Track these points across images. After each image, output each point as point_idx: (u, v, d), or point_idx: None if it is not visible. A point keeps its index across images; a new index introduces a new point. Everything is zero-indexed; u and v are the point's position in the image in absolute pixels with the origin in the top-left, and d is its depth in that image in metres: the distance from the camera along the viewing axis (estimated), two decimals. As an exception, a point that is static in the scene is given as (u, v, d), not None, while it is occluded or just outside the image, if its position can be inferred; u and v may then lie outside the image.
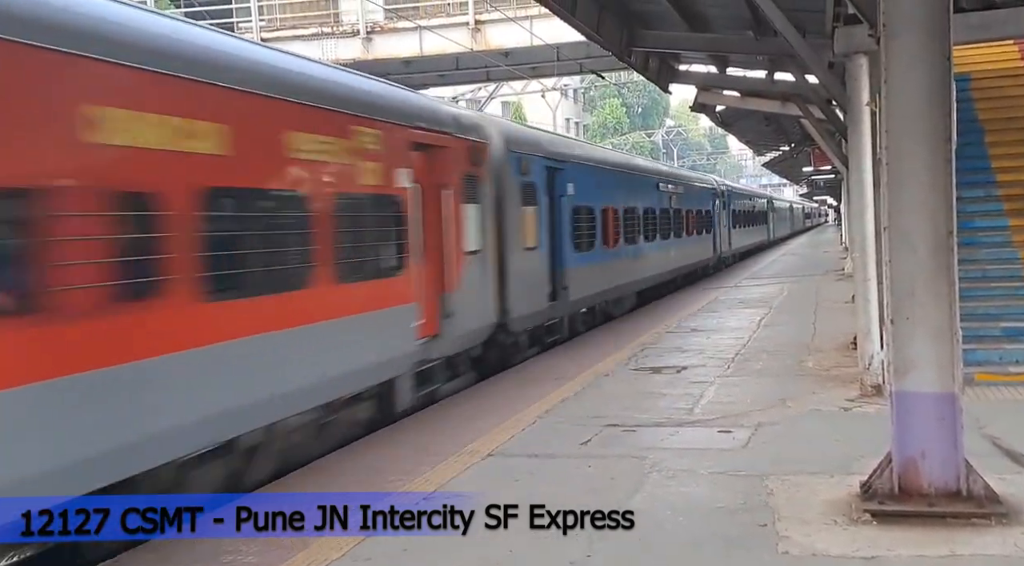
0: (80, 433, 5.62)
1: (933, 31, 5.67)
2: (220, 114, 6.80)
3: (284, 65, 8.26)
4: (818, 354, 12.39)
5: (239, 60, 7.52)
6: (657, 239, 21.83)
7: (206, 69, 6.78)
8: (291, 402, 7.59)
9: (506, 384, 11.45)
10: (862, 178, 9.82)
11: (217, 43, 7.47)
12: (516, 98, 51.33)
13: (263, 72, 7.67)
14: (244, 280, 7.06)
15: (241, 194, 7.14)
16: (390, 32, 24.74)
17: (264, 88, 7.39)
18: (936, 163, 5.72)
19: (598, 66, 25.90)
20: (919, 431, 5.85)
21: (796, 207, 66.89)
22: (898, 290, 5.90)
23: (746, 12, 11.11)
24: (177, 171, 6.38)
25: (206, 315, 6.59)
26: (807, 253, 43.05)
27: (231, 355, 6.80)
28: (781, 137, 29.65)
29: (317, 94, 8.14)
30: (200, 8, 24.89)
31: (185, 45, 6.85)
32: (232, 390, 6.87)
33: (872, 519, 5.73)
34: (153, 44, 6.44)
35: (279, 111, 7.54)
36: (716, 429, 8.44)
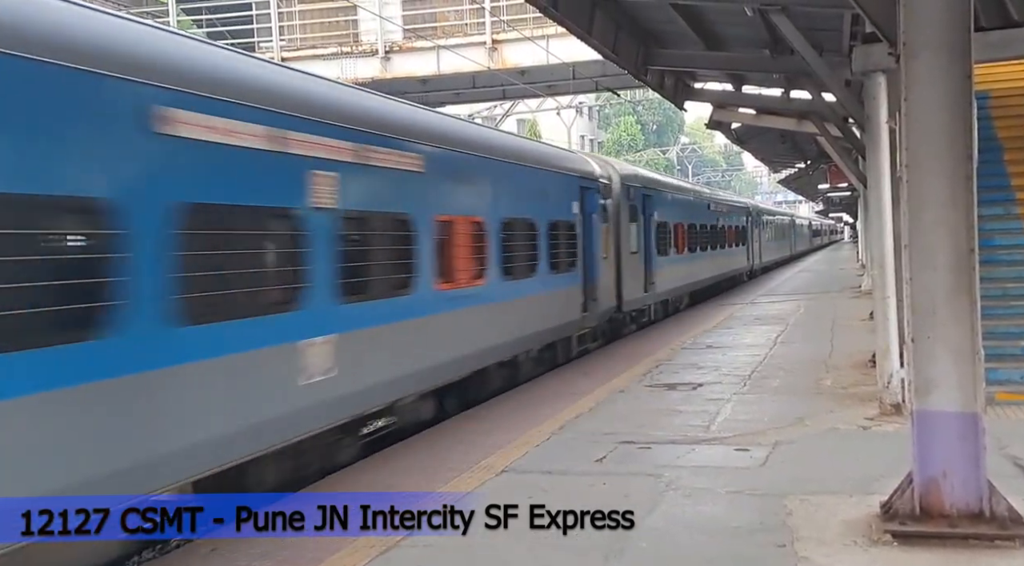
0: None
1: (954, 50, 5.65)
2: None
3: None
4: (836, 372, 12.30)
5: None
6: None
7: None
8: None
9: (521, 400, 11.41)
10: (880, 196, 9.78)
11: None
12: (531, 115, 51.46)
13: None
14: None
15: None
16: (408, 51, 24.89)
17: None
18: (956, 181, 5.68)
19: (614, 84, 25.95)
20: (941, 451, 5.78)
21: (800, 223, 67.49)
22: (919, 308, 5.85)
23: (763, 31, 11.11)
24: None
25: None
26: (823, 270, 42.89)
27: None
28: (797, 154, 29.58)
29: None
30: (222, 28, 25.10)
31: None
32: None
33: (893, 540, 5.67)
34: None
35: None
36: (733, 447, 8.38)
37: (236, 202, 6.86)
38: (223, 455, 6.61)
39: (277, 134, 7.21)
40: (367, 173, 8.62)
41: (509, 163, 12.35)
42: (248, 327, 6.86)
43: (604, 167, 17.55)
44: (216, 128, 6.53)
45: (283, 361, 7.25)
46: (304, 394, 7.42)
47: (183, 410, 6.20)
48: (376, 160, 8.69)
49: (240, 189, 6.92)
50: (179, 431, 6.16)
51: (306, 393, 7.44)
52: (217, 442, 6.52)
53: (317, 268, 7.65)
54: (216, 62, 7.16)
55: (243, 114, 6.83)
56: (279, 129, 7.24)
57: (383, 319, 8.70)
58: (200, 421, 6.36)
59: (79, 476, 5.43)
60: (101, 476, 5.56)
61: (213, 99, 6.55)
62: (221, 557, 6.00)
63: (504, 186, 12.10)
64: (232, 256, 6.79)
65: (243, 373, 6.79)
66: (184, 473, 6.25)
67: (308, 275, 7.55)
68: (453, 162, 10.46)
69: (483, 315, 11.11)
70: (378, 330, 8.59)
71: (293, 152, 7.40)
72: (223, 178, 6.75)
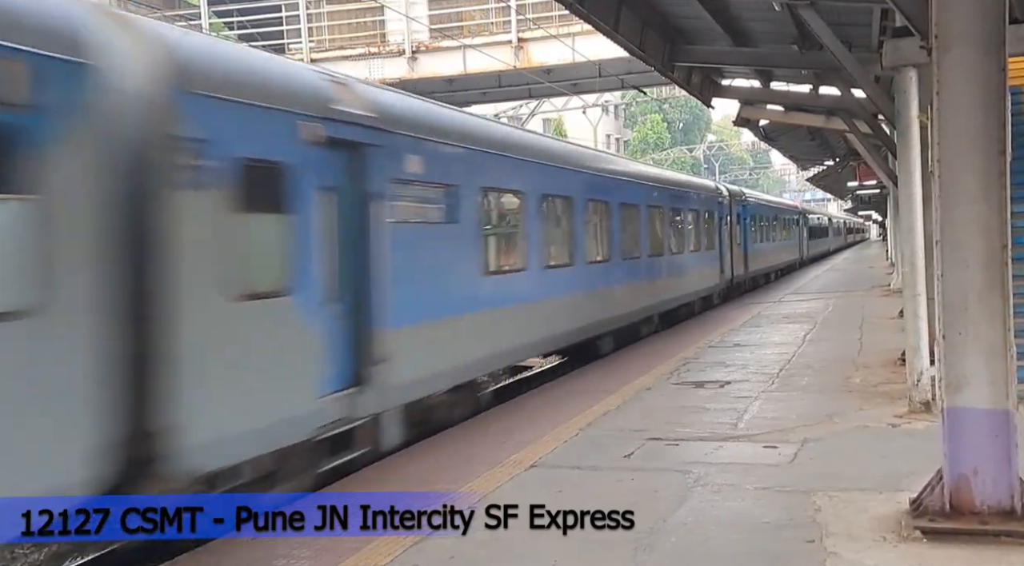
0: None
1: (987, 43, 5.61)
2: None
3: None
4: (865, 370, 12.23)
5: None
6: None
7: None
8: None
9: (549, 397, 11.45)
10: (911, 192, 9.71)
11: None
12: (557, 114, 51.43)
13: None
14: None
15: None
16: (435, 51, 25.02)
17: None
18: (989, 176, 5.65)
19: (640, 81, 25.92)
20: (971, 448, 5.76)
21: (835, 222, 71.37)
22: (950, 305, 5.83)
23: (791, 26, 11.07)
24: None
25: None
26: (851, 268, 42.59)
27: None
28: (825, 152, 29.43)
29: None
30: (252, 31, 25.32)
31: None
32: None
33: (923, 537, 5.64)
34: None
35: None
36: (761, 444, 8.36)
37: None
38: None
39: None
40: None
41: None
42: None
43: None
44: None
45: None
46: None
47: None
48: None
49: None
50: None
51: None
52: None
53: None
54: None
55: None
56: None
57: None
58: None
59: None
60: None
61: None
62: (261, 545, 6.08)
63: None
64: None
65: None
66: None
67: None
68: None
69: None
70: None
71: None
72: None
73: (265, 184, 6.91)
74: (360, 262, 8.03)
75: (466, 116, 12.05)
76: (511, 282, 11.35)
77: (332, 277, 7.63)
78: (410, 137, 8.92)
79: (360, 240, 8.03)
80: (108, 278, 5.61)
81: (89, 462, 5.46)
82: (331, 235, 7.65)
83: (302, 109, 7.32)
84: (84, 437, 5.43)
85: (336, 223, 7.73)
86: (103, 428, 5.55)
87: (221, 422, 6.39)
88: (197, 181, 6.22)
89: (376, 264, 8.14)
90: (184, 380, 6.03)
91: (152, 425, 5.92)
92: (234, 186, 6.50)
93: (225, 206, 6.42)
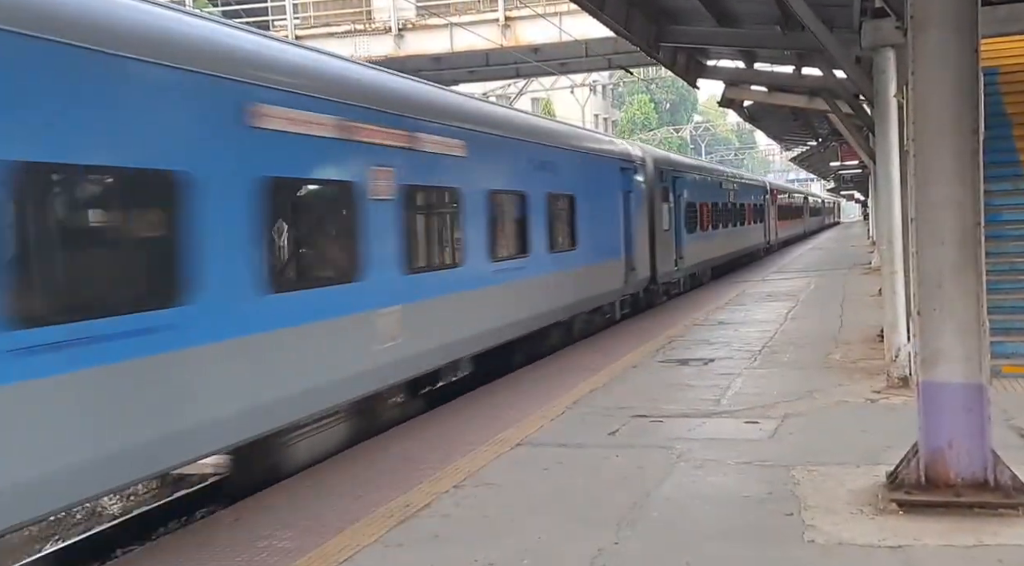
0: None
1: (961, 24, 5.70)
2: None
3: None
4: (845, 346, 12.41)
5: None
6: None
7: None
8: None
9: (535, 375, 11.55)
10: (889, 171, 9.82)
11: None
12: (546, 94, 51.31)
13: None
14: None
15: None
16: (421, 29, 24.94)
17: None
18: (963, 155, 5.74)
19: (627, 62, 25.94)
20: (946, 421, 5.87)
21: (812, 200, 68.40)
22: (926, 282, 5.93)
23: (774, 7, 11.12)
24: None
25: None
26: (834, 248, 42.82)
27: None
28: (808, 132, 29.52)
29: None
30: (236, 7, 25.15)
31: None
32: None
33: (899, 509, 5.76)
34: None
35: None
36: (743, 420, 8.50)
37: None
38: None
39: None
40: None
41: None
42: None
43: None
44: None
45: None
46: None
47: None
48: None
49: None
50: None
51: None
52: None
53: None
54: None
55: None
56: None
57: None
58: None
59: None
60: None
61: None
62: (244, 527, 6.17)
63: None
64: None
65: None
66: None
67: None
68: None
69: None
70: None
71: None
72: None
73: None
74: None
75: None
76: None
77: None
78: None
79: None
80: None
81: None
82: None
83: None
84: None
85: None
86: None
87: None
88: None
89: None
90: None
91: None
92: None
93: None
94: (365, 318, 8.10)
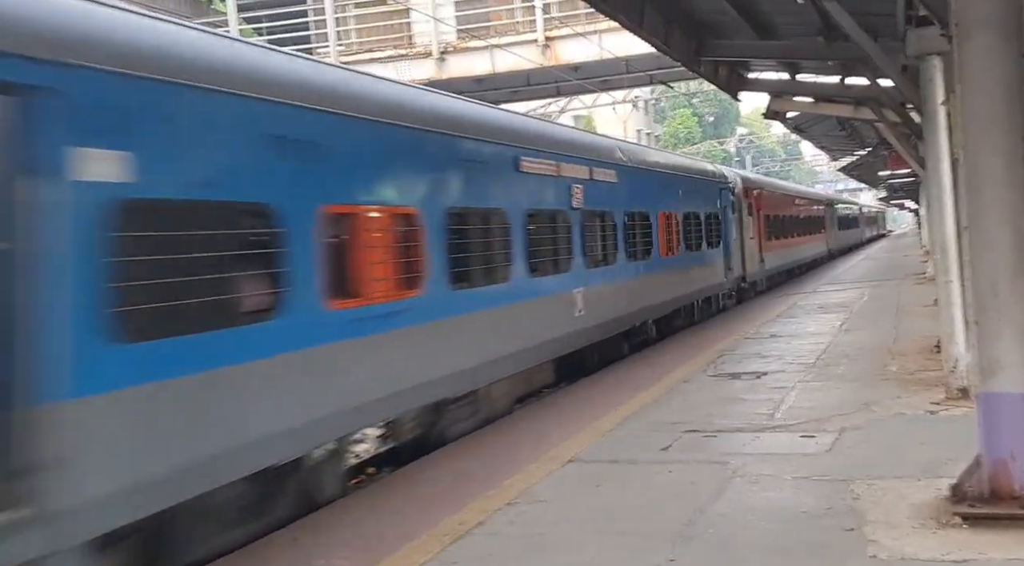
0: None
1: (1006, 30, 5.63)
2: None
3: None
4: (901, 358, 12.19)
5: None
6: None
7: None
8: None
9: (586, 392, 11.55)
10: (940, 180, 9.68)
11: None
12: (587, 111, 51.37)
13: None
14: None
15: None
16: (462, 52, 25.14)
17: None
18: (1013, 161, 5.66)
19: (668, 77, 25.88)
20: (1008, 432, 5.76)
21: (866, 212, 69.88)
22: (981, 290, 5.84)
23: (816, 18, 11.04)
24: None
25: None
26: (886, 258, 42.16)
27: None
28: (856, 141, 29.14)
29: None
30: (282, 35, 25.60)
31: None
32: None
33: (962, 522, 5.65)
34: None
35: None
36: (799, 434, 8.40)
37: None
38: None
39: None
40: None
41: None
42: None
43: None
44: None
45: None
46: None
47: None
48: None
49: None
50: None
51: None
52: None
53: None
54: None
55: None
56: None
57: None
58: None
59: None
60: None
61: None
62: (302, 548, 6.25)
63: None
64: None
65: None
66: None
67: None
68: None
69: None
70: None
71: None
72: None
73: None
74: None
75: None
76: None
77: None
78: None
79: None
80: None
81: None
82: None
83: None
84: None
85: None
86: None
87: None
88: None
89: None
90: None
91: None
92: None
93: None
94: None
